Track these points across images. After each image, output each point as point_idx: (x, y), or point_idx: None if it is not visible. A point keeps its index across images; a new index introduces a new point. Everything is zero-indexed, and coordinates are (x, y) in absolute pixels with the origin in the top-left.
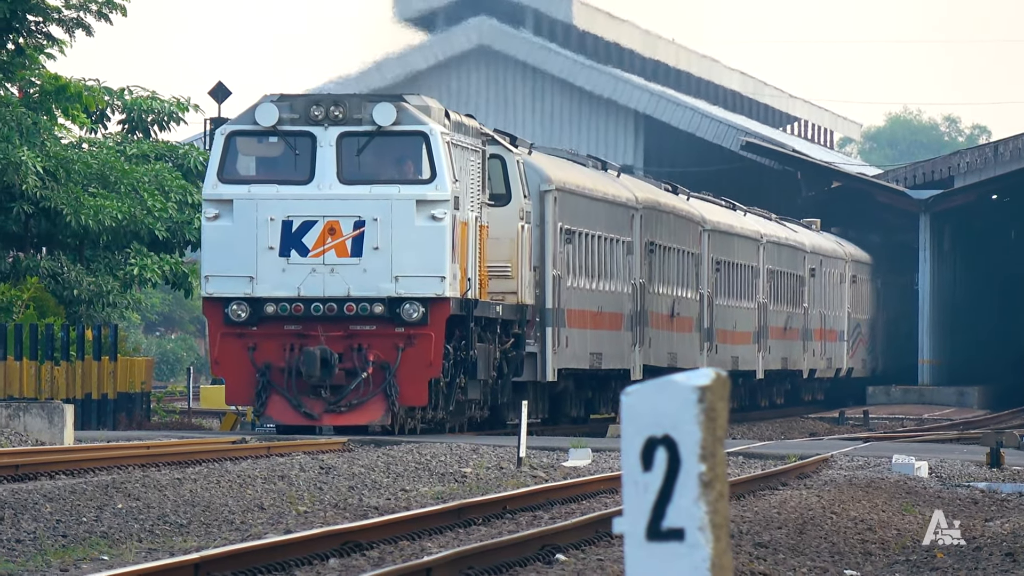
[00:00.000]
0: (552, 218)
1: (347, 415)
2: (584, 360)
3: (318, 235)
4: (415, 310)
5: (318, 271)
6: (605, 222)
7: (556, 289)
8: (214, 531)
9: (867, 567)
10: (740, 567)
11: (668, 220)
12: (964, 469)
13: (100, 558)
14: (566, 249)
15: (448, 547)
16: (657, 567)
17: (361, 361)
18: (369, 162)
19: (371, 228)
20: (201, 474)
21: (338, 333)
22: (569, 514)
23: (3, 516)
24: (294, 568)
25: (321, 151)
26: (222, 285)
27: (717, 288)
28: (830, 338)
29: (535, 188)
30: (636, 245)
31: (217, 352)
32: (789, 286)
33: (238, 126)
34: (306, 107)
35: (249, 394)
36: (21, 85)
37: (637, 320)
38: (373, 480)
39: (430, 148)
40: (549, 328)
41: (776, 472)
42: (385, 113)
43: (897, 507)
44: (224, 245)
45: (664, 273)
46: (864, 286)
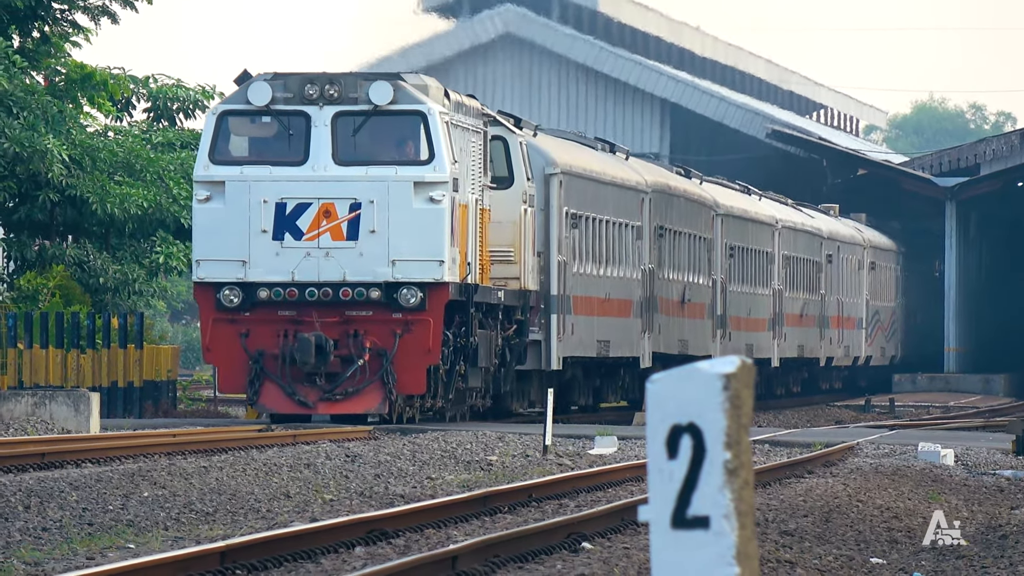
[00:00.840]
0: (557, 202)
1: (343, 403)
2: (591, 348)
3: (313, 218)
4: (413, 295)
5: (313, 255)
6: (613, 206)
7: (561, 275)
8: (240, 519)
9: (893, 555)
10: (766, 555)
11: (679, 204)
12: (990, 457)
13: (126, 546)
14: (572, 234)
15: (474, 535)
16: (682, 555)
17: (357, 348)
18: (365, 143)
19: (367, 211)
20: (227, 462)
21: (333, 319)
22: (595, 502)
23: (29, 504)
24: (320, 556)
25: (316, 131)
26: (214, 269)
27: (731, 274)
28: (848, 325)
29: (539, 171)
30: (645, 230)
31: (209, 339)
32: (805, 272)
33: (230, 105)
34: (300, 86)
35: (242, 382)
36: (46, 73)
37: (646, 307)
38: (399, 468)
39: (428, 128)
40: (554, 315)
41: (802, 460)
42: (382, 92)
43: (923, 495)
44: (216, 228)
45: (675, 258)
46: (884, 273)
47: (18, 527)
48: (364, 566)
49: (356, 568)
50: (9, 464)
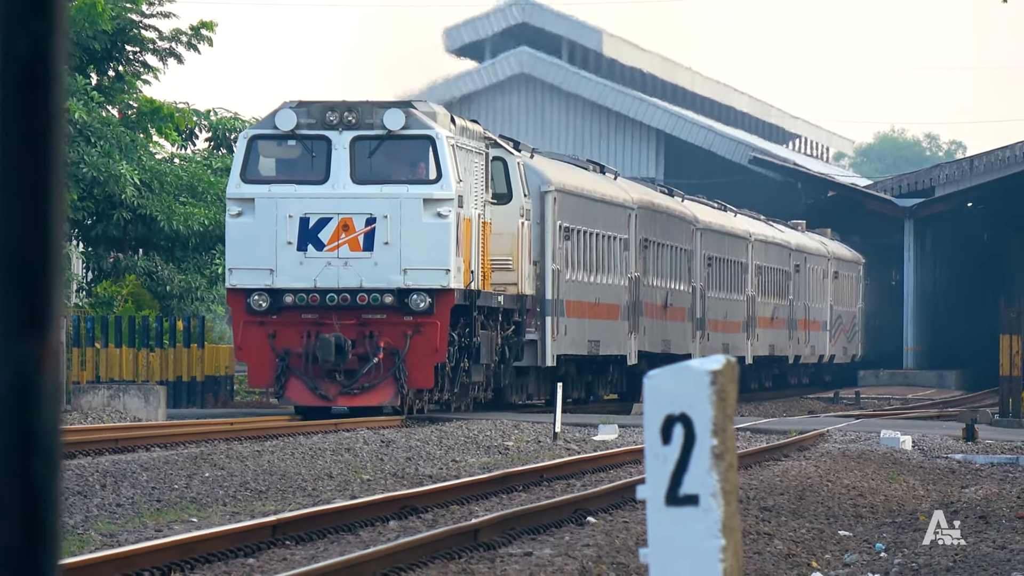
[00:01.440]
0: (551, 216)
1: (360, 397)
2: (583, 346)
3: (333, 231)
4: (422, 300)
5: (333, 264)
6: (602, 220)
7: (555, 282)
8: (289, 496)
9: (858, 528)
10: (747, 528)
11: (662, 219)
12: (943, 443)
13: (190, 520)
14: (565, 245)
15: (493, 511)
16: (675, 528)
17: (372, 347)
18: (380, 163)
19: (381, 225)
20: (278, 447)
21: (351, 321)
22: (599, 482)
23: (105, 484)
24: (359, 529)
25: (336, 153)
26: (245, 277)
27: (709, 281)
28: (813, 328)
29: (535, 188)
30: (632, 242)
31: (240, 339)
32: (776, 280)
33: (259, 130)
34: (322, 112)
35: (270, 377)
36: (120, 107)
37: (633, 310)
38: (427, 452)
39: (436, 151)
40: (549, 317)
41: (779, 445)
42: (395, 118)
43: (884, 476)
44: (246, 240)
45: (658, 267)
46: (846, 281)
47: (95, 503)
48: (397, 537)
49: (390, 539)
50: (87, 448)
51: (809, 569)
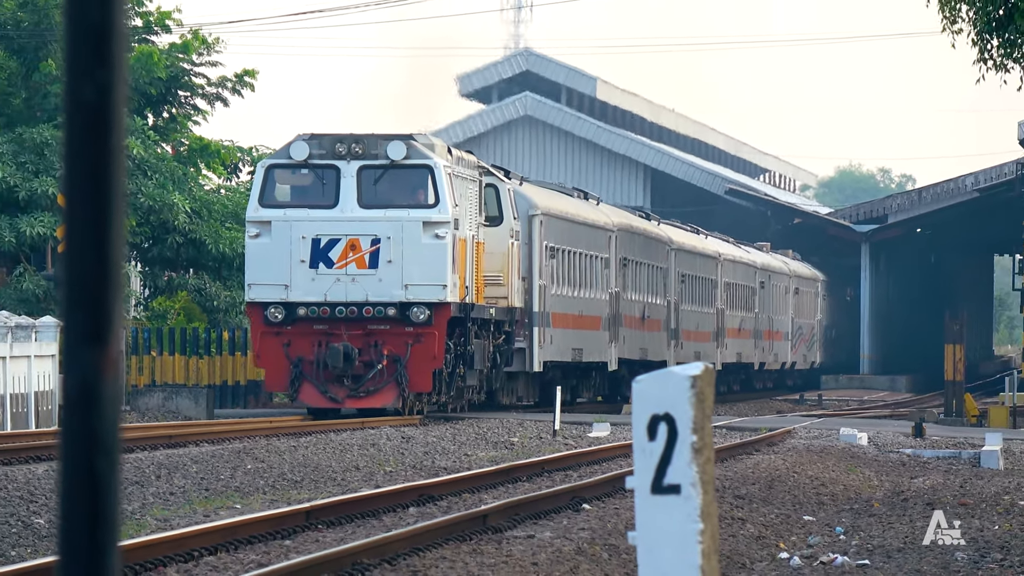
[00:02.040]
0: (538, 237)
1: (365, 399)
2: (567, 354)
3: (342, 250)
4: (422, 312)
5: (341, 280)
6: (585, 241)
7: (542, 296)
8: (321, 486)
9: (820, 513)
10: (723, 514)
11: (640, 240)
12: (895, 439)
13: (234, 507)
14: (550, 263)
15: (500, 498)
16: (659, 514)
17: (377, 355)
18: (384, 190)
19: (385, 245)
20: (311, 442)
21: (358, 332)
22: (593, 473)
23: (160, 474)
24: (382, 514)
25: (344, 181)
26: (262, 292)
27: (682, 296)
28: (776, 338)
29: (524, 212)
30: (612, 261)
31: (258, 347)
32: (743, 295)
33: (275, 160)
34: (332, 144)
35: (285, 382)
36: (173, 145)
37: (613, 321)
38: (443, 447)
39: (434, 178)
40: (536, 327)
41: (751, 441)
42: (397, 149)
43: (844, 468)
44: (264, 259)
45: (636, 283)
46: (806, 296)
47: (151, 492)
48: (416, 522)
49: (410, 523)
50: (144, 443)
51: (777, 550)
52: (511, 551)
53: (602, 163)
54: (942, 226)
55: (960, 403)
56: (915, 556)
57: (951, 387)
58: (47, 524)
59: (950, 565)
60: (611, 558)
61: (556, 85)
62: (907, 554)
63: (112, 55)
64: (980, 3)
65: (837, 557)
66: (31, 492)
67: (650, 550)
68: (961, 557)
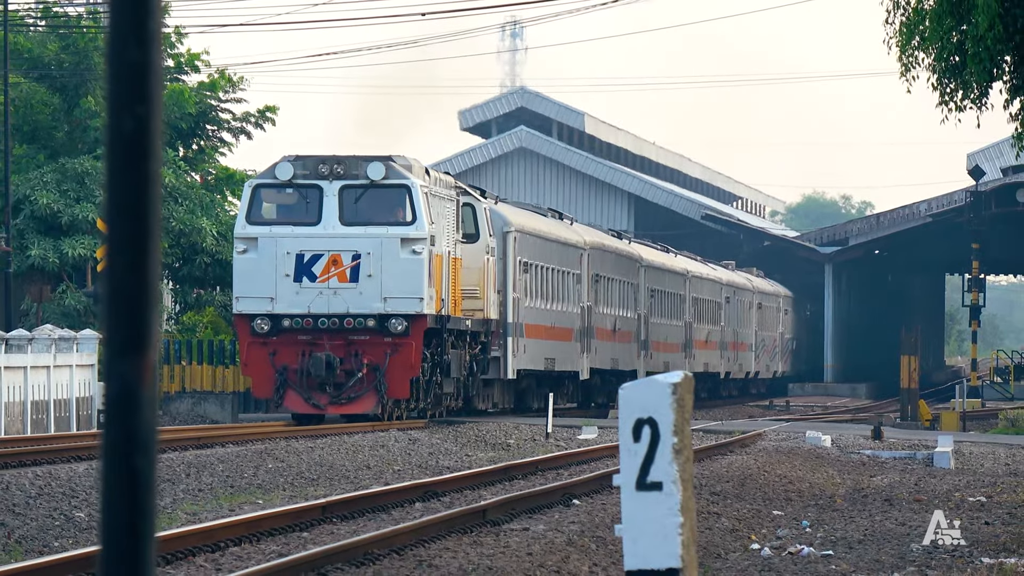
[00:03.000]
0: (512, 253)
1: (347, 406)
2: (540, 363)
3: (324, 265)
4: (399, 324)
5: (324, 293)
6: (558, 258)
7: (515, 308)
8: (336, 483)
9: (788, 508)
10: (700, 509)
11: (611, 258)
12: (855, 441)
13: (256, 502)
14: (524, 277)
15: (498, 495)
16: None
17: (357, 364)
18: (364, 208)
19: (365, 260)
20: (327, 444)
21: (339, 342)
22: (582, 472)
23: (189, 473)
24: (391, 509)
25: (327, 199)
26: (249, 304)
27: (652, 309)
28: (741, 348)
29: (499, 229)
30: (584, 276)
31: (245, 356)
32: (709, 310)
33: (262, 180)
34: (315, 165)
35: (270, 389)
36: (202, 174)
37: (585, 333)
38: (446, 448)
39: (411, 197)
40: (510, 338)
41: (725, 443)
42: (376, 170)
43: (809, 467)
44: (251, 273)
45: (608, 298)
46: (769, 311)
47: (181, 488)
48: (421, 515)
49: (416, 517)
50: (175, 445)
51: (749, 541)
52: (508, 543)
53: (590, 191)
54: (898, 248)
55: (915, 409)
56: (874, 547)
57: (906, 394)
58: (87, 518)
59: (906, 555)
60: (599, 549)
61: (548, 120)
62: (867, 545)
63: (149, 92)
64: (936, 50)
65: (804, 548)
66: (72, 489)
67: (635, 541)
68: (916, 548)
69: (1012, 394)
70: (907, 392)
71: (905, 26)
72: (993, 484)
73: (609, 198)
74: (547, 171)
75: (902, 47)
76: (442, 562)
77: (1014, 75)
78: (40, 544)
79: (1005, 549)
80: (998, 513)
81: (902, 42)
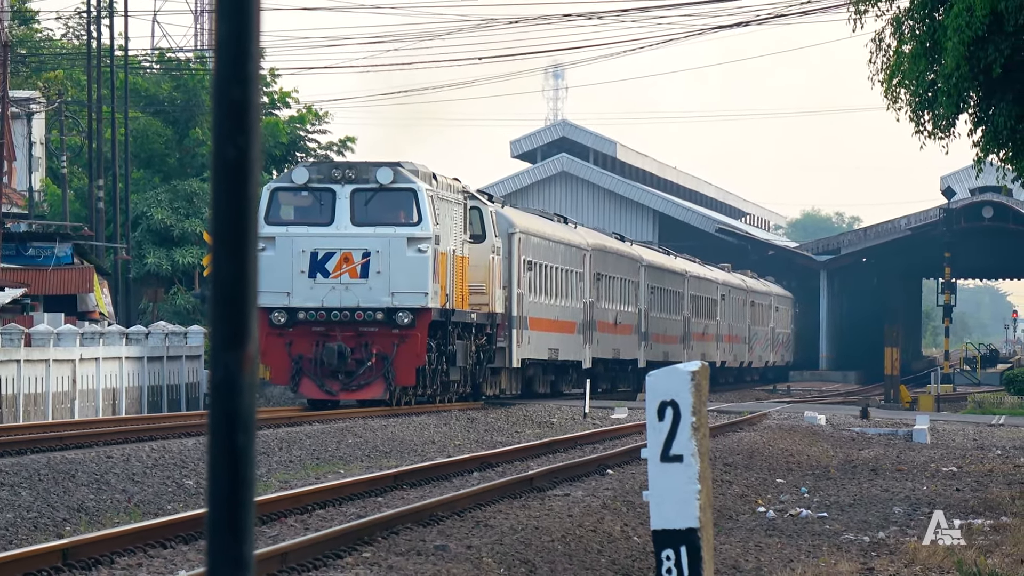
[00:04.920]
0: (516, 252)
1: (357, 392)
2: (544, 353)
3: (336, 262)
4: (406, 316)
5: (336, 288)
6: (561, 257)
7: (520, 302)
8: (406, 456)
9: (789, 477)
10: (715, 478)
11: (612, 258)
12: (846, 420)
13: (338, 472)
14: (528, 275)
15: (543, 465)
16: (666, 478)
17: (367, 354)
18: (374, 210)
19: (375, 258)
20: (398, 422)
21: (350, 333)
22: (615, 446)
23: (281, 447)
24: (452, 477)
25: (339, 202)
26: (267, 298)
27: (652, 305)
28: (736, 341)
29: (504, 231)
30: (586, 275)
31: (263, 346)
32: (706, 306)
33: (279, 184)
34: (329, 170)
35: (287, 377)
36: None
37: (587, 326)
38: (499, 426)
39: (417, 200)
40: (514, 329)
41: (736, 421)
42: (385, 175)
43: (807, 443)
44: (269, 269)
45: (610, 294)
46: (761, 308)
47: (275, 460)
48: (478, 483)
49: (474, 485)
50: (270, 423)
51: (756, 505)
52: (552, 506)
53: (621, 209)
54: (882, 256)
55: (896, 392)
56: (862, 509)
57: (889, 380)
58: (195, 485)
59: (889, 516)
60: (629, 511)
61: (585, 148)
62: (856, 508)
63: (248, 125)
64: (913, 87)
65: (802, 511)
66: (183, 460)
67: (659, 505)
68: (897, 510)
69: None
70: (890, 378)
71: (886, 67)
72: (963, 456)
73: (637, 214)
74: (584, 192)
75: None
76: (496, 522)
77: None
78: (155, 507)
79: (973, 511)
80: (967, 481)
81: (886, 80)
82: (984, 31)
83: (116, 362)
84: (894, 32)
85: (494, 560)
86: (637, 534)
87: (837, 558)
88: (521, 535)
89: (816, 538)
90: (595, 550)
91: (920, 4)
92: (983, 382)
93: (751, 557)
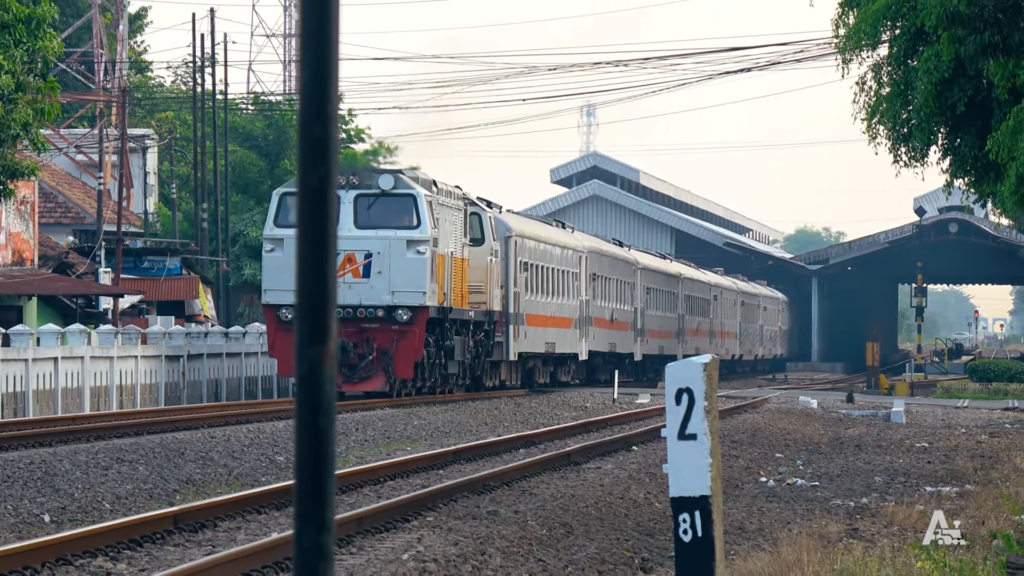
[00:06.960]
0: (513, 254)
1: (359, 384)
2: (540, 346)
3: (340, 263)
4: (405, 314)
5: (340, 287)
6: (557, 259)
7: (516, 300)
8: (463, 435)
9: (787, 452)
10: (724, 453)
11: (607, 260)
12: (835, 403)
13: (405, 449)
14: (524, 275)
15: (579, 443)
16: (683, 453)
17: (368, 348)
18: (375, 214)
19: (376, 259)
20: (455, 407)
21: (353, 329)
22: (639, 426)
23: (357, 428)
24: (502, 453)
25: (343, 206)
26: (276, 296)
27: (647, 303)
28: (727, 336)
29: (502, 234)
30: (582, 275)
31: (272, 340)
32: (699, 305)
33: (287, 189)
34: None
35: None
36: None
37: (583, 322)
38: (541, 410)
39: (416, 205)
40: (511, 326)
41: (741, 405)
42: (387, 181)
43: (802, 423)
44: (278, 269)
45: (606, 293)
46: (750, 308)
47: (352, 439)
48: (524, 458)
49: (520, 459)
50: (348, 408)
51: (758, 476)
52: (586, 477)
53: (644, 227)
54: (864, 265)
55: (877, 380)
56: (848, 479)
57: (871, 370)
58: (285, 461)
59: (871, 485)
60: (651, 481)
61: (614, 175)
62: (843, 479)
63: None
64: (891, 124)
65: (798, 480)
66: (275, 440)
67: (677, 476)
68: (878, 480)
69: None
70: (871, 368)
71: (868, 105)
72: (933, 434)
73: (657, 231)
74: (612, 212)
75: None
76: (538, 491)
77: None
78: (252, 480)
79: (942, 480)
80: (936, 455)
81: (867, 118)
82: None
83: (218, 358)
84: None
85: (537, 523)
86: (658, 500)
87: (827, 520)
88: (560, 502)
89: (809, 503)
90: (622, 514)
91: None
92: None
93: (754, 519)
